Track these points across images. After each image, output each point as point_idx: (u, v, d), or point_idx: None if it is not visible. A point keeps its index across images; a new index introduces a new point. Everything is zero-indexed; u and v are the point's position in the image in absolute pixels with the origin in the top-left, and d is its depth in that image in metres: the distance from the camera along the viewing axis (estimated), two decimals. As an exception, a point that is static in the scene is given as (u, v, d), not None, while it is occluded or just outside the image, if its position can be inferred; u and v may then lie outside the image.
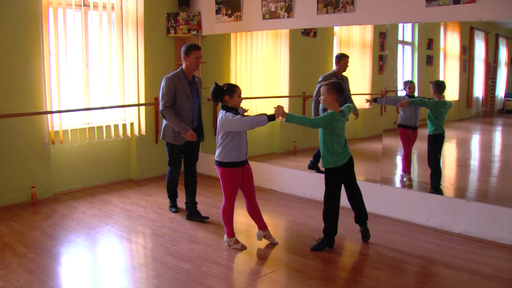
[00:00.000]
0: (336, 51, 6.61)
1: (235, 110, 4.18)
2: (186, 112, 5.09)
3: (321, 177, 5.69)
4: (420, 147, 5.73)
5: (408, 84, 5.72)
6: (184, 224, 5.16)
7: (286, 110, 4.13)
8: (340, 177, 4.30)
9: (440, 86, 5.41)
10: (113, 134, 6.63)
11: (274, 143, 7.38)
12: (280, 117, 3.96)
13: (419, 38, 5.80)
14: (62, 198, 6.18)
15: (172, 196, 5.64)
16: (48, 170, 6.08)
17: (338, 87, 4.14)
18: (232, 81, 7.08)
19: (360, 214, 4.57)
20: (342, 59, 6.01)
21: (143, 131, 6.92)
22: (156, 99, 6.94)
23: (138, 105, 6.79)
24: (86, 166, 6.57)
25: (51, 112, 5.94)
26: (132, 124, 6.84)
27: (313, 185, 6.05)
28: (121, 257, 4.31)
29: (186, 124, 5.02)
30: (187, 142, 5.15)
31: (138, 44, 6.69)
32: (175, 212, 5.56)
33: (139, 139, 6.99)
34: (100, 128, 6.49)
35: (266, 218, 5.21)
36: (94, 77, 6.40)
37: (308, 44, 6.71)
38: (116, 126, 6.66)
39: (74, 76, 6.22)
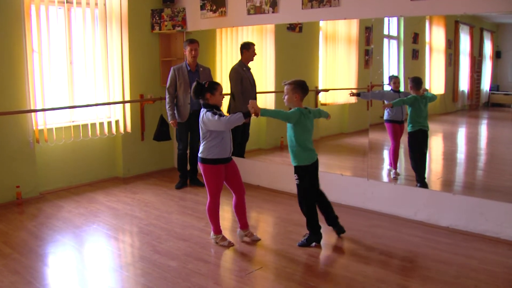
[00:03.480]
0: (322, 46, 6.62)
1: (217, 107, 4.19)
2: (184, 95, 6.01)
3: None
4: (406, 141, 5.75)
5: (393, 79, 5.75)
6: (171, 221, 5.14)
7: (273, 106, 4.16)
8: (311, 174, 4.29)
9: (416, 82, 5.46)
10: (98, 132, 6.57)
11: (261, 139, 7.38)
12: (254, 113, 3.99)
13: (404, 32, 5.83)
14: (47, 197, 6.14)
15: (182, 172, 6.44)
16: (33, 169, 6.04)
17: (304, 86, 4.16)
18: (218, 78, 7.09)
19: (331, 216, 4.57)
20: (251, 47, 6.33)
21: (129, 129, 6.88)
22: (141, 96, 6.99)
23: (123, 102, 6.75)
24: (71, 164, 6.53)
25: (35, 111, 5.88)
26: (117, 122, 6.80)
27: None
28: (108, 256, 4.29)
29: (172, 113, 6.06)
30: (189, 121, 6.08)
31: (122, 41, 6.64)
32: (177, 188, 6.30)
33: (125, 137, 6.94)
34: (85, 126, 6.44)
35: (253, 214, 5.34)
36: (79, 74, 6.36)
37: (293, 40, 6.70)
38: (101, 124, 6.61)
39: (58, 74, 6.17)
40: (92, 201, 5.90)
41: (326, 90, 6.83)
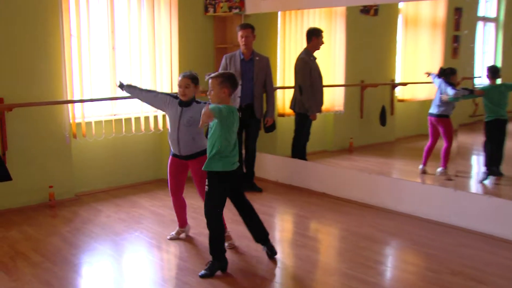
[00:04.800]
0: (401, 32, 6.47)
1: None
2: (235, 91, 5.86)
3: (382, 181, 5.70)
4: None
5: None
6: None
7: (342, 101, 3.92)
8: (226, 185, 4.12)
9: (493, 71, 5.53)
10: (143, 127, 6.59)
11: (326, 140, 7.38)
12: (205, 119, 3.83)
13: (506, 12, 5.53)
14: (84, 199, 6.17)
15: None
16: (68, 167, 6.09)
17: (233, 80, 4.04)
18: (278, 69, 7.06)
19: (259, 231, 4.41)
20: (321, 34, 6.32)
21: None
22: None
23: (172, 94, 6.64)
24: (111, 163, 6.56)
25: (73, 102, 5.92)
26: (164, 116, 6.77)
27: (373, 189, 5.89)
28: (150, 268, 4.30)
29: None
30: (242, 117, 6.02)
31: (171, 25, 6.65)
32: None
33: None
34: (128, 120, 6.47)
35: (315, 225, 5.35)
36: (122, 62, 6.39)
37: (367, 24, 6.63)
38: (146, 118, 6.64)
39: (99, 61, 6.22)
40: (135, 206, 5.92)
41: (404, 84, 6.70)
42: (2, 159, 5.35)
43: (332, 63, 7.02)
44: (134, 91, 4.79)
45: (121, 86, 4.81)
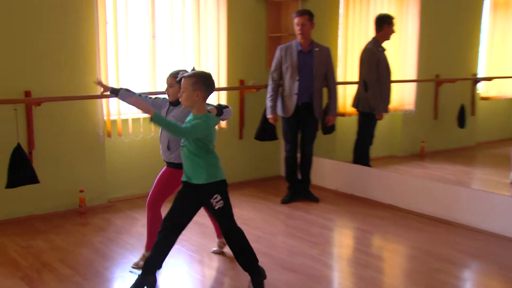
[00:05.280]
0: (487, 17, 6.35)
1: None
2: (291, 83, 6.05)
3: (461, 193, 5.61)
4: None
5: None
6: (276, 245, 5.06)
7: (412, 99, 3.75)
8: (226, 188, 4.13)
9: None
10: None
11: (394, 143, 7.36)
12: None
13: None
14: (118, 206, 6.20)
15: (291, 182, 6.48)
16: (101, 169, 6.14)
17: (209, 81, 3.85)
18: (340, 61, 7.08)
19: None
20: (393, 22, 6.30)
21: (224, 124, 6.92)
22: (241, 82, 7.05)
23: (218, 89, 6.74)
24: (149, 166, 6.47)
25: (107, 96, 5.79)
26: None
27: (449, 202, 5.76)
28: (191, 286, 4.32)
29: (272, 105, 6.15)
30: (298, 116, 6.13)
31: (219, 11, 6.66)
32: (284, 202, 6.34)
33: (219, 134, 6.67)
34: None
35: (380, 242, 5.35)
36: (163, 52, 6.44)
37: (446, 8, 6.57)
38: None
39: (138, 51, 6.28)
40: None
41: (489, 79, 6.60)
42: (28, 159, 5.37)
43: (402, 54, 6.99)
44: (132, 97, 4.51)
45: (114, 92, 4.53)
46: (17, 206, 5.64)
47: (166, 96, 4.46)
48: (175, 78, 4.28)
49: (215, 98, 6.79)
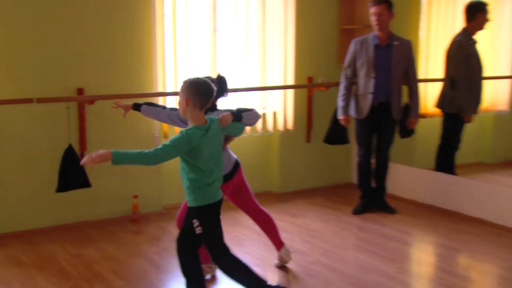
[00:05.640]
0: None
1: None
2: (366, 81, 5.99)
3: None
4: None
5: None
6: (347, 260, 5.00)
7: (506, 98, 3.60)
8: (214, 213, 3.97)
9: None
10: (248, 127, 6.45)
11: (483, 149, 7.22)
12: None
13: None
14: (174, 213, 5.98)
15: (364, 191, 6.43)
16: (157, 174, 6.18)
17: (199, 88, 3.73)
18: (422, 56, 7.00)
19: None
20: (487, 10, 6.15)
21: (290, 125, 6.92)
22: (310, 79, 6.98)
23: (284, 87, 6.77)
24: None
25: (165, 94, 5.97)
26: (275, 115, 6.87)
27: None
28: None
29: None
30: (373, 118, 6.06)
31: (287, 0, 6.63)
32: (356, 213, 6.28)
33: (284, 136, 6.98)
34: None
35: (468, 261, 5.22)
36: (224, 46, 6.47)
37: None
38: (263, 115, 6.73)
39: (197, 46, 6.30)
40: (235, 223, 5.93)
41: None
42: (80, 161, 5.42)
43: (495, 47, 6.83)
44: (154, 110, 4.48)
45: (137, 107, 4.50)
46: (68, 212, 5.73)
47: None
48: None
49: (282, 97, 6.78)
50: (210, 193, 3.81)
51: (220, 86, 4.09)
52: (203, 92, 3.70)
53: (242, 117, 3.99)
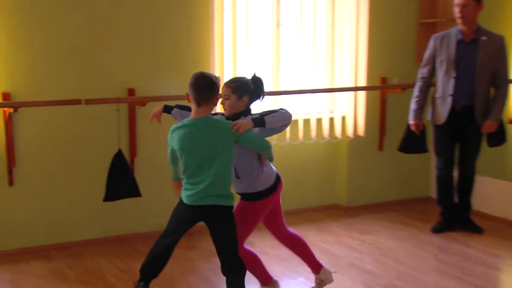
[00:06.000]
0: None
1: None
2: (445, 81, 5.85)
3: None
4: None
5: None
6: (426, 285, 4.95)
7: None
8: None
9: None
10: (314, 133, 6.60)
11: None
12: None
13: None
14: None
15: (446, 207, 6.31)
16: None
17: (191, 80, 3.95)
18: None
19: None
20: None
21: (361, 131, 6.84)
22: (383, 79, 6.91)
23: (355, 89, 6.71)
24: None
25: (223, 96, 5.83)
26: (344, 119, 6.83)
27: None
28: None
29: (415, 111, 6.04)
30: (453, 124, 5.92)
31: None
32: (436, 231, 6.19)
33: (354, 143, 6.92)
34: (294, 123, 6.44)
35: None
36: (288, 43, 6.45)
37: None
38: (319, 121, 6.65)
39: (259, 43, 6.32)
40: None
41: None
42: (130, 167, 5.41)
43: None
44: (184, 114, 4.45)
45: (168, 109, 4.50)
46: (116, 223, 5.75)
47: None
48: (232, 88, 4.16)
49: (352, 100, 6.69)
50: (183, 194, 4.05)
51: (255, 87, 4.13)
52: (192, 85, 3.90)
53: (265, 121, 3.94)
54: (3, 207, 5.41)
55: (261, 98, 4.17)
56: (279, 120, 4.02)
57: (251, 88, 4.13)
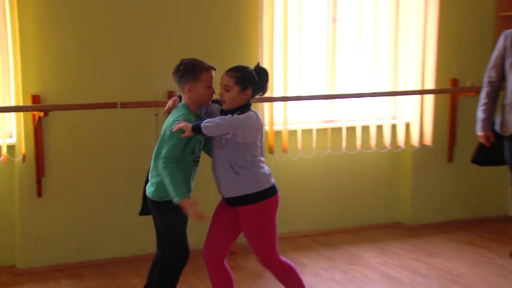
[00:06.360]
0: None
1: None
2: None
3: None
4: None
5: None
6: None
7: None
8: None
9: None
10: (373, 141, 6.56)
11: None
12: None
13: None
14: (280, 245, 5.97)
15: None
16: None
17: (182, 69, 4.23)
18: None
19: None
20: None
21: (428, 140, 6.78)
22: (454, 81, 6.82)
23: (421, 92, 6.66)
24: (322, 195, 6.60)
25: (272, 100, 6.00)
26: (408, 126, 6.78)
27: None
28: None
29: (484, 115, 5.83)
30: None
31: None
32: None
33: (419, 153, 6.84)
34: (352, 130, 6.46)
35: None
36: (346, 41, 6.46)
37: None
38: (379, 128, 6.60)
39: (312, 40, 6.31)
40: (355, 261, 5.91)
41: None
42: None
43: None
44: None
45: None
46: (152, 239, 5.50)
47: None
48: (235, 78, 4.07)
49: (418, 104, 6.59)
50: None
51: (259, 80, 4.04)
52: (188, 75, 4.19)
53: (201, 127, 3.89)
54: (31, 219, 5.43)
55: (263, 93, 4.10)
56: (217, 129, 3.93)
57: (256, 80, 4.03)
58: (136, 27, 5.58)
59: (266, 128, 6.07)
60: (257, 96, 4.13)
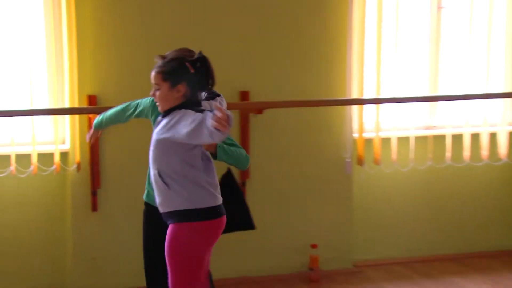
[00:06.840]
0: None
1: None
2: None
3: None
4: None
5: None
6: None
7: None
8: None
9: None
10: (485, 152, 6.46)
11: None
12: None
13: None
14: (368, 273, 6.24)
15: None
16: (346, 216, 6.18)
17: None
18: None
19: None
20: None
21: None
22: None
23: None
24: (422, 215, 6.59)
25: (362, 102, 6.00)
26: None
27: None
28: None
29: None
30: None
31: None
32: None
33: None
34: (458, 138, 6.37)
35: None
36: (452, 32, 6.40)
37: None
38: (492, 136, 6.48)
39: (412, 31, 6.33)
40: None
41: None
42: (242, 192, 5.30)
43: None
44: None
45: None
46: (222, 263, 5.58)
47: None
48: (162, 73, 3.91)
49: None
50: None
51: (196, 70, 3.82)
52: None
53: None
54: (84, 237, 5.46)
55: (211, 86, 3.93)
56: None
57: (189, 71, 3.81)
58: (207, 23, 5.57)
59: (355, 135, 6.07)
60: (205, 92, 3.99)
